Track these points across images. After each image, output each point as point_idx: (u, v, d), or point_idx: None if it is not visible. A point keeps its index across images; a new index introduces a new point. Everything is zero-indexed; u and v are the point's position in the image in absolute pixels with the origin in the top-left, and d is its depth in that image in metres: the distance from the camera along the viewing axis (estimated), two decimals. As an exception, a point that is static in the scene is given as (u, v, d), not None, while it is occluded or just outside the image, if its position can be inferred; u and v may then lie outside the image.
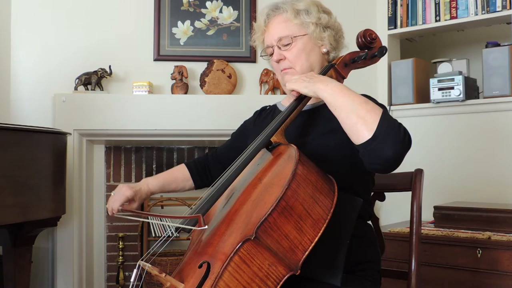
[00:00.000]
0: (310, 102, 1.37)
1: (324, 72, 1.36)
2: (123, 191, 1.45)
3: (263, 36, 1.46)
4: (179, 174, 1.62)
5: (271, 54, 1.44)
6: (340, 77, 1.38)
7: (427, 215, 2.35)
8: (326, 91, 1.20)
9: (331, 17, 1.45)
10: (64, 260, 2.86)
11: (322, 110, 1.40)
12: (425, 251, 2.17)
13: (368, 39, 1.36)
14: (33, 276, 2.64)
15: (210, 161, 1.64)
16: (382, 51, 1.35)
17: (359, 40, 1.37)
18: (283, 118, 1.29)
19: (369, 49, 1.38)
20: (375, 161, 1.15)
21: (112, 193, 1.47)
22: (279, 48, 1.41)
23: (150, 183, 1.55)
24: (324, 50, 1.43)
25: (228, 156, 1.58)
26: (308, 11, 1.40)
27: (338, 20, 1.48)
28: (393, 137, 1.12)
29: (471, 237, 2.11)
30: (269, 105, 1.62)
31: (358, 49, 1.41)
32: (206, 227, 1.07)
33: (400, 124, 1.16)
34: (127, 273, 3.00)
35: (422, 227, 1.86)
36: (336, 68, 1.37)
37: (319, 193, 1.07)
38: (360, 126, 1.14)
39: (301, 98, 1.31)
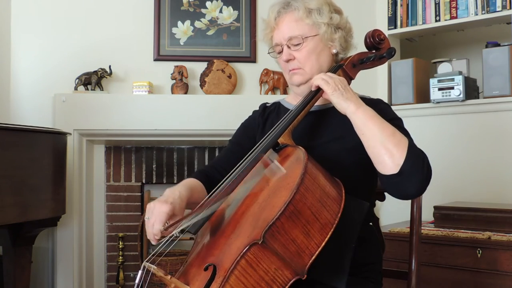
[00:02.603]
0: (318, 103, 1.36)
1: (332, 72, 1.35)
2: (159, 209, 1.16)
3: (272, 33, 1.42)
4: (197, 184, 1.39)
5: (280, 52, 1.40)
6: (348, 78, 1.37)
7: (427, 215, 2.35)
8: (357, 114, 1.21)
9: (342, 17, 1.42)
10: (64, 260, 2.86)
11: (331, 113, 1.39)
12: (425, 251, 2.17)
13: (377, 39, 1.35)
14: (33, 276, 2.63)
15: (213, 173, 1.47)
16: (391, 52, 1.34)
17: (368, 40, 1.36)
18: (291, 119, 1.27)
19: (377, 49, 1.37)
20: (397, 193, 1.20)
21: (145, 218, 1.19)
22: (289, 47, 1.37)
23: (181, 190, 1.26)
24: (334, 51, 1.40)
25: (235, 163, 1.40)
26: (320, 10, 1.37)
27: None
28: (417, 175, 1.16)
29: (471, 237, 2.12)
30: (268, 102, 1.58)
31: (365, 49, 1.40)
32: None
33: (424, 156, 1.19)
34: (131, 274, 3.00)
35: (422, 227, 1.86)
36: (344, 69, 1.36)
37: (327, 197, 1.06)
38: (386, 159, 1.16)
39: (312, 96, 1.30)
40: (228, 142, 1.56)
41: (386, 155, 1.16)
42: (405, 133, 1.27)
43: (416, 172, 1.15)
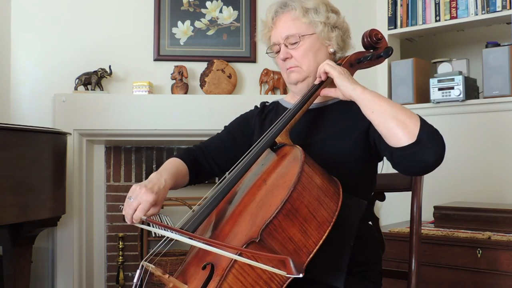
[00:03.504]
0: (316, 101, 1.36)
1: None
2: (145, 197, 1.20)
3: (270, 33, 1.44)
4: (182, 168, 1.43)
5: (277, 52, 1.42)
6: None
7: (427, 215, 2.35)
8: (364, 95, 1.20)
9: (339, 17, 1.43)
10: (64, 260, 2.86)
11: (328, 111, 1.40)
12: (425, 251, 2.17)
13: (374, 39, 1.36)
14: (33, 276, 2.64)
15: (201, 159, 1.52)
16: (388, 51, 1.34)
17: (365, 40, 1.37)
18: (289, 118, 1.28)
19: (374, 49, 1.38)
20: (415, 164, 1.16)
21: (128, 198, 1.22)
22: (286, 46, 1.38)
23: (166, 178, 1.30)
24: (331, 50, 1.41)
25: (224, 155, 1.51)
26: (317, 10, 1.38)
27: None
28: (435, 142, 1.15)
29: (471, 237, 2.12)
30: (268, 102, 1.59)
31: (363, 49, 1.41)
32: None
33: (435, 128, 1.18)
34: (130, 274, 3.00)
35: (422, 227, 1.86)
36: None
37: (324, 196, 1.06)
38: (400, 130, 1.15)
39: (310, 95, 1.30)
40: (223, 127, 1.58)
41: (399, 127, 1.14)
42: None
43: (433, 139, 1.15)
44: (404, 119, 1.15)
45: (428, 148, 1.14)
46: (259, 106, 1.58)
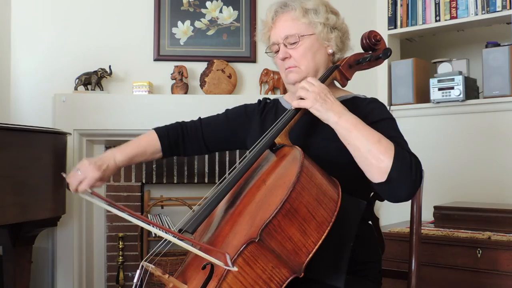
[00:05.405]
0: None
1: (328, 73, 1.36)
2: (91, 173, 1.34)
3: (270, 32, 1.45)
4: (149, 147, 1.53)
5: (277, 52, 1.43)
6: (345, 79, 1.38)
7: (427, 215, 2.35)
8: (340, 124, 1.21)
9: (339, 18, 1.44)
10: (64, 260, 2.86)
11: None
12: (425, 251, 2.17)
13: (373, 40, 1.37)
14: (33, 276, 2.64)
15: (190, 134, 1.59)
16: (387, 53, 1.36)
17: (364, 41, 1.38)
18: (288, 119, 1.28)
19: (373, 50, 1.38)
20: (389, 198, 1.22)
21: (76, 170, 1.35)
22: (285, 46, 1.40)
23: (118, 158, 1.44)
24: (330, 51, 1.42)
25: (215, 137, 1.58)
26: (317, 10, 1.39)
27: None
28: (405, 181, 1.17)
29: (471, 237, 2.11)
30: (269, 99, 1.60)
31: (362, 50, 1.41)
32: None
33: (412, 160, 1.18)
34: (130, 274, 3.00)
35: (422, 227, 1.86)
36: (341, 70, 1.37)
37: (323, 196, 1.07)
38: (373, 168, 1.18)
39: None
40: (225, 110, 1.63)
41: (373, 164, 1.17)
42: (397, 134, 1.28)
43: (404, 178, 1.16)
44: (377, 155, 1.17)
45: (398, 187, 1.17)
46: (261, 100, 1.59)
